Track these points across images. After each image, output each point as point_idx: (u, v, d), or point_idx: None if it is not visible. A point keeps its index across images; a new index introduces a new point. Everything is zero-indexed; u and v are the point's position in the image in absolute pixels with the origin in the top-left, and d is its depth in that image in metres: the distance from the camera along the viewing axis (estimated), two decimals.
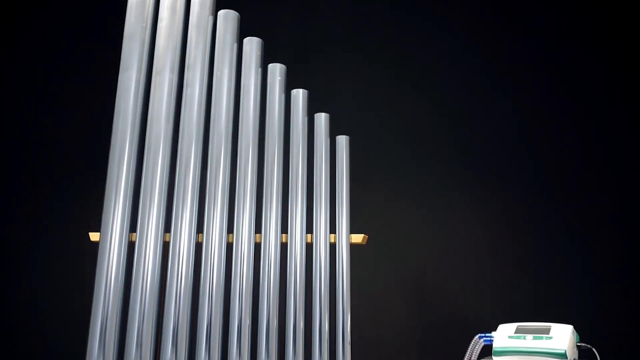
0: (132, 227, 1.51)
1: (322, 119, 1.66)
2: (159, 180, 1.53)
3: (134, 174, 1.53)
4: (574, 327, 1.38)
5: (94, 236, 1.53)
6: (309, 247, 1.56)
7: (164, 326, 1.43)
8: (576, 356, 1.34)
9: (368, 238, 1.64)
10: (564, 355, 1.25)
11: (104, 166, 1.54)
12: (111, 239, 1.47)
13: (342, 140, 1.65)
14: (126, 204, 1.50)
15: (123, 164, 1.52)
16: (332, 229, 1.58)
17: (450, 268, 2.16)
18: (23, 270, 2.12)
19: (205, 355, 1.42)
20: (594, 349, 1.34)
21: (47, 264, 2.12)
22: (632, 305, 2.14)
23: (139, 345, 1.40)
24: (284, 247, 1.55)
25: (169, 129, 1.58)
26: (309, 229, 1.57)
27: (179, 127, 1.59)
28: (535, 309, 2.12)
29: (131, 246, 1.50)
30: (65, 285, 2.10)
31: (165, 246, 1.52)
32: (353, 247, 1.59)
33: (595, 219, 2.20)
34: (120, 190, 1.50)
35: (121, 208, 1.49)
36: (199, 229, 1.54)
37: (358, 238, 1.58)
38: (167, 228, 1.53)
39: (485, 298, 2.14)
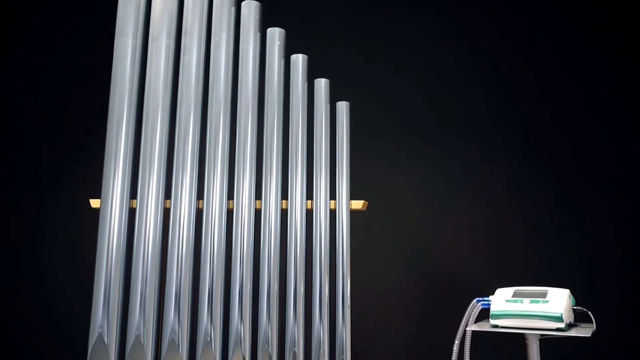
0: (133, 194, 1.52)
1: (322, 85, 1.64)
2: (159, 147, 1.53)
3: (133, 141, 1.53)
4: (571, 291, 1.40)
5: (94, 203, 1.54)
6: (309, 214, 1.57)
7: (166, 290, 1.46)
8: (572, 319, 1.36)
9: (368, 204, 1.64)
10: (560, 318, 1.27)
11: (104, 133, 1.54)
12: (112, 205, 1.48)
13: (343, 107, 1.64)
14: (126, 171, 1.51)
15: (121, 132, 1.52)
16: (332, 195, 1.58)
17: (449, 233, 2.18)
18: (25, 238, 2.15)
19: (207, 318, 1.45)
20: (589, 312, 1.36)
21: (49, 231, 2.14)
22: (628, 269, 2.16)
23: (142, 308, 1.43)
24: (284, 214, 1.56)
25: (167, 96, 1.57)
26: (309, 195, 1.58)
27: (177, 93, 1.58)
28: (533, 274, 2.14)
29: (132, 213, 1.51)
30: (68, 251, 2.12)
31: (166, 212, 1.53)
32: (353, 213, 1.60)
33: (592, 183, 2.20)
34: (119, 158, 1.50)
35: (121, 175, 1.50)
36: (199, 195, 1.54)
37: (358, 204, 1.59)
38: (167, 195, 1.53)
39: (483, 263, 2.16)
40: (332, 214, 1.57)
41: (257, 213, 1.55)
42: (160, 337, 1.47)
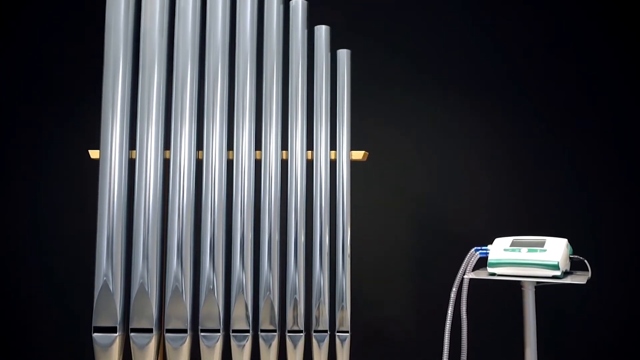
0: (132, 145, 1.51)
1: (322, 32, 1.60)
2: (156, 97, 1.51)
3: (129, 90, 1.51)
4: (569, 241, 1.41)
5: (94, 154, 1.54)
6: (309, 164, 1.57)
7: (168, 240, 1.48)
8: (568, 267, 1.38)
9: (368, 155, 1.64)
10: (556, 266, 1.29)
11: (101, 83, 1.52)
12: (111, 156, 1.47)
13: (344, 55, 1.60)
14: (124, 121, 1.49)
15: (117, 81, 1.49)
16: (333, 145, 1.58)
17: (449, 184, 2.18)
18: (26, 191, 2.15)
19: (209, 267, 1.47)
20: (585, 261, 1.38)
21: (49, 182, 2.15)
22: (626, 218, 2.18)
23: (146, 257, 1.46)
24: (284, 164, 1.56)
25: (164, 44, 1.53)
26: (310, 145, 1.57)
27: (173, 41, 1.54)
28: (533, 224, 2.16)
29: (132, 163, 1.51)
30: (69, 202, 2.14)
31: (166, 163, 1.53)
32: (353, 164, 1.60)
33: (590, 134, 2.19)
34: (116, 108, 1.49)
35: (119, 126, 1.48)
36: (199, 146, 1.54)
37: (358, 155, 1.58)
38: (166, 145, 1.53)
39: (483, 214, 2.17)
40: (333, 164, 1.56)
41: (257, 163, 1.55)
42: (163, 285, 1.50)
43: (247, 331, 1.48)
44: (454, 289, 1.45)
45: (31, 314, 2.11)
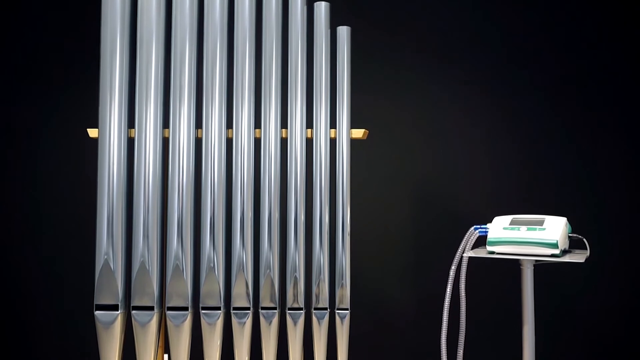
0: (131, 123, 1.50)
1: (322, 9, 1.57)
2: (154, 76, 1.49)
3: (127, 69, 1.50)
4: (568, 220, 1.41)
5: (92, 132, 1.53)
6: (309, 142, 1.56)
7: (168, 219, 1.48)
8: (567, 246, 1.39)
9: (368, 133, 1.63)
10: (555, 245, 1.30)
11: (98, 60, 1.50)
12: (110, 135, 1.47)
13: (344, 32, 1.58)
14: (122, 99, 1.48)
15: (115, 59, 1.48)
16: (333, 124, 1.57)
17: (449, 163, 2.18)
18: (25, 170, 2.15)
19: (210, 245, 1.48)
20: (584, 239, 1.39)
21: (48, 161, 2.14)
22: (626, 197, 2.19)
23: (146, 236, 1.46)
24: (284, 143, 1.55)
25: (161, 21, 1.51)
26: (309, 124, 1.56)
27: (171, 18, 1.52)
28: (533, 204, 2.17)
29: (131, 142, 1.50)
30: (69, 181, 2.14)
31: (165, 142, 1.52)
32: (353, 142, 1.59)
33: (591, 112, 2.18)
34: (114, 86, 1.47)
35: (117, 104, 1.47)
36: (198, 124, 1.53)
37: (359, 133, 1.58)
38: (165, 124, 1.52)
39: (483, 193, 2.17)
40: (333, 142, 1.56)
41: (257, 142, 1.54)
42: (164, 264, 1.51)
43: (248, 309, 1.49)
44: (453, 267, 1.46)
45: (32, 293, 2.13)
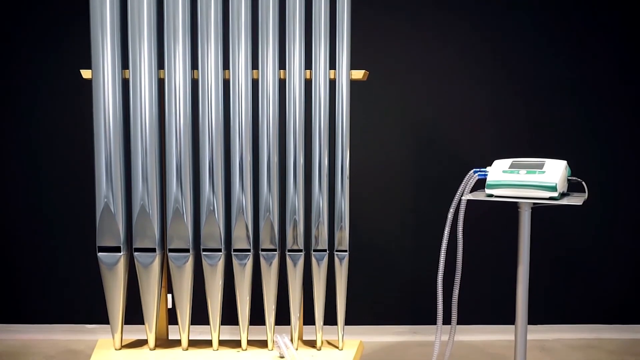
0: (125, 64, 1.46)
1: None
2: (147, 15, 1.43)
3: (119, 7, 1.43)
4: (568, 163, 1.41)
5: (85, 73, 1.49)
6: (307, 84, 1.53)
7: (167, 162, 1.47)
8: (565, 189, 1.39)
9: (369, 74, 1.59)
10: (554, 188, 1.30)
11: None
12: (104, 76, 1.43)
13: None
14: (114, 40, 1.43)
15: None
16: (332, 64, 1.52)
17: (449, 105, 2.15)
18: (20, 113, 2.12)
19: (209, 189, 1.48)
20: (583, 182, 1.39)
21: (44, 104, 2.11)
22: (624, 141, 2.18)
23: (145, 180, 1.46)
24: (282, 84, 1.51)
25: None
26: (308, 64, 1.52)
27: None
28: (533, 147, 2.16)
29: (125, 83, 1.46)
30: (65, 124, 2.11)
31: (161, 83, 1.49)
32: (353, 84, 1.55)
33: (591, 55, 2.13)
34: (106, 25, 1.42)
35: (109, 44, 1.43)
36: (194, 65, 1.49)
37: (359, 74, 1.54)
38: (160, 64, 1.48)
39: (483, 136, 2.16)
40: (332, 84, 1.52)
41: (255, 83, 1.51)
42: (164, 207, 1.52)
43: (248, 250, 1.51)
44: (451, 210, 1.47)
45: (33, 236, 2.16)
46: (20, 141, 2.13)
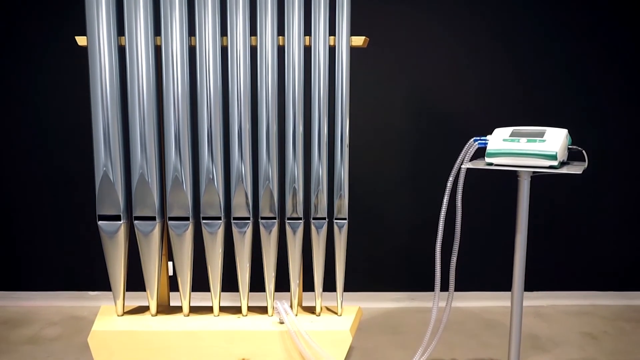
0: (120, 31, 1.43)
1: None
2: None
3: None
4: (569, 132, 1.40)
5: (81, 40, 1.46)
6: (307, 51, 1.50)
7: (165, 131, 1.46)
8: (565, 158, 1.38)
9: (369, 41, 1.56)
10: (554, 156, 1.29)
11: None
12: (99, 43, 1.40)
13: None
14: (109, 5, 1.40)
15: None
16: (332, 31, 1.50)
17: (450, 73, 2.12)
18: (15, 82, 2.09)
19: (208, 158, 1.47)
20: (583, 151, 1.38)
21: (38, 72, 2.08)
22: (625, 109, 2.16)
23: (143, 148, 1.45)
24: (281, 51, 1.49)
25: None
26: (307, 31, 1.49)
27: None
28: (534, 116, 2.14)
29: (122, 51, 1.44)
30: (61, 93, 2.09)
31: (158, 50, 1.46)
32: (353, 50, 1.53)
33: (591, 23, 2.10)
34: None
35: (105, 10, 1.39)
36: (191, 32, 1.46)
37: (359, 40, 1.51)
38: (157, 31, 1.45)
39: (485, 104, 2.14)
40: (332, 50, 1.50)
41: (253, 50, 1.48)
42: (163, 175, 1.52)
43: (248, 219, 1.52)
44: (451, 179, 1.47)
45: (34, 205, 2.16)
46: (20, 111, 2.11)
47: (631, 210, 2.24)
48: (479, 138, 1.44)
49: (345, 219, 1.55)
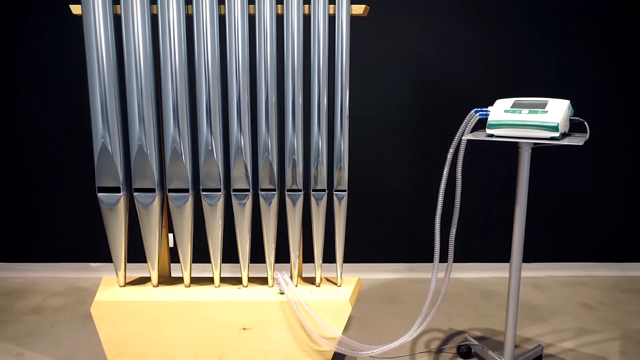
0: None
1: None
2: None
3: None
4: (571, 103, 1.39)
5: (75, 9, 1.43)
6: (306, 20, 1.48)
7: (163, 102, 1.45)
8: (567, 129, 1.37)
9: (369, 9, 1.53)
10: (555, 127, 1.28)
11: None
12: (94, 11, 1.37)
13: None
14: None
15: None
16: None
17: (452, 43, 2.09)
18: (10, 53, 2.06)
19: (207, 129, 1.46)
20: (585, 122, 1.37)
21: (33, 42, 2.05)
22: (627, 83, 2.14)
23: (142, 120, 1.44)
24: (279, 20, 1.46)
25: None
26: None
27: None
28: (536, 87, 2.12)
29: (117, 20, 1.41)
30: (56, 63, 2.06)
31: (154, 19, 1.43)
32: (353, 20, 1.50)
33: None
34: None
35: None
36: (188, 0, 1.43)
37: (359, 9, 1.48)
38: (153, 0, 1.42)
39: (487, 75, 2.12)
40: (331, 19, 1.47)
41: (251, 19, 1.46)
42: (162, 147, 1.51)
43: (247, 190, 1.52)
44: (451, 150, 1.46)
45: (36, 178, 2.16)
46: (16, 84, 2.09)
47: (628, 183, 2.24)
48: (480, 109, 1.42)
49: (345, 190, 1.55)
